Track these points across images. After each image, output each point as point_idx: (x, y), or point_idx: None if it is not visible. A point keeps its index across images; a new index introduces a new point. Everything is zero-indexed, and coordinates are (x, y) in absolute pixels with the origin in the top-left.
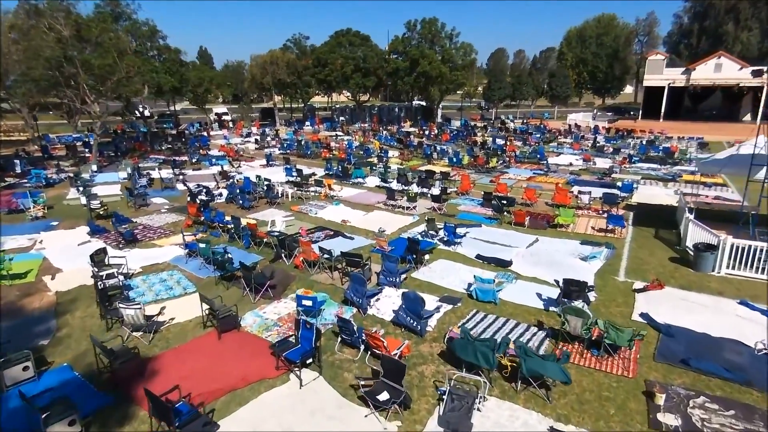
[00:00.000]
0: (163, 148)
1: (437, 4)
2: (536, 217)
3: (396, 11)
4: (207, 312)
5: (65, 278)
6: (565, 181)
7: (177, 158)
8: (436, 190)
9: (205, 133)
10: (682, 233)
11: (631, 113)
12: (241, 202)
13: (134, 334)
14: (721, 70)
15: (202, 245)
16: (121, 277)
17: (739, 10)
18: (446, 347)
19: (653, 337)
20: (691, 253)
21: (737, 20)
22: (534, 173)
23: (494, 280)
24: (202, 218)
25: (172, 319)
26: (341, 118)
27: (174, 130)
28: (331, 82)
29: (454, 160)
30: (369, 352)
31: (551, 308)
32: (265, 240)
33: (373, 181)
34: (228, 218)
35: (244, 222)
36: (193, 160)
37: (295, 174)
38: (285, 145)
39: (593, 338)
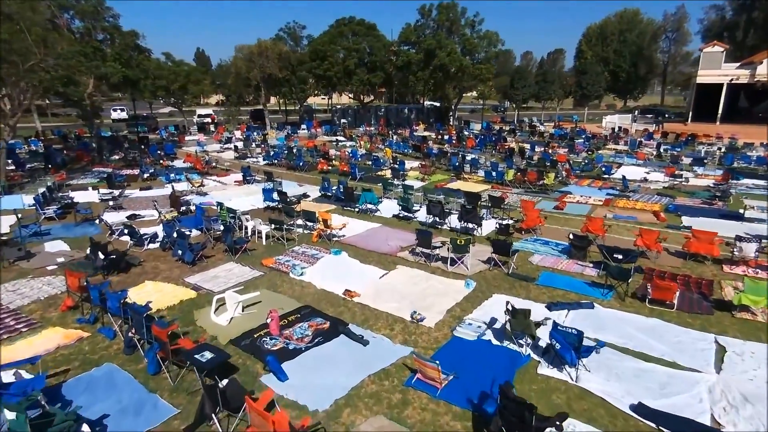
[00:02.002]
0: (116, 158)
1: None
2: (692, 287)
3: (396, 9)
4: None
5: None
6: (662, 208)
7: (126, 172)
8: (486, 223)
9: (177, 139)
10: None
11: (666, 115)
12: (180, 253)
13: None
14: None
15: (9, 416)
16: None
17: None
18: None
19: None
20: None
21: None
22: (608, 194)
23: None
24: (91, 296)
25: None
26: (343, 121)
27: (136, 136)
28: (331, 78)
29: (494, 174)
30: None
31: None
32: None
33: (389, 208)
34: (136, 301)
35: (173, 306)
36: (146, 175)
37: (276, 198)
38: (272, 154)
39: None
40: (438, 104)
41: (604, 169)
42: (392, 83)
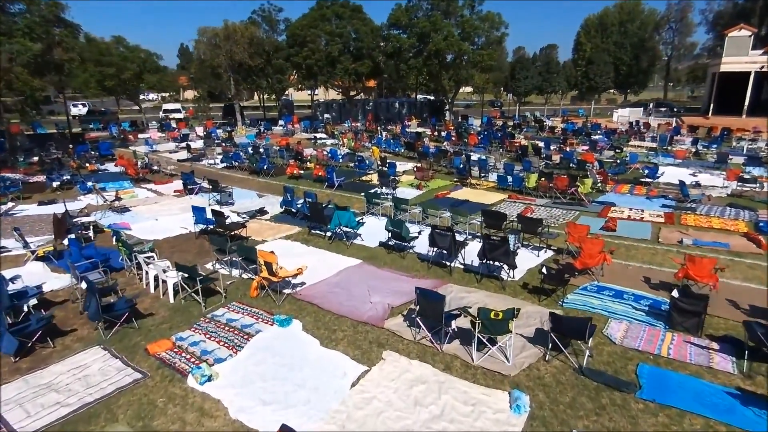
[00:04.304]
0: (34, 159)
1: None
2: None
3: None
4: None
5: None
6: (750, 227)
7: (38, 179)
8: (520, 258)
9: (125, 137)
10: None
11: (675, 109)
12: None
13: None
14: None
15: None
16: None
17: None
18: None
19: None
20: None
21: None
22: (664, 207)
23: None
24: None
25: None
26: (326, 116)
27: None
28: (312, 66)
29: (509, 179)
30: None
31: None
32: None
33: (374, 230)
34: None
35: None
36: (55, 183)
37: (211, 219)
38: (231, 155)
39: None
40: (432, 98)
41: (647, 171)
42: (381, 73)
